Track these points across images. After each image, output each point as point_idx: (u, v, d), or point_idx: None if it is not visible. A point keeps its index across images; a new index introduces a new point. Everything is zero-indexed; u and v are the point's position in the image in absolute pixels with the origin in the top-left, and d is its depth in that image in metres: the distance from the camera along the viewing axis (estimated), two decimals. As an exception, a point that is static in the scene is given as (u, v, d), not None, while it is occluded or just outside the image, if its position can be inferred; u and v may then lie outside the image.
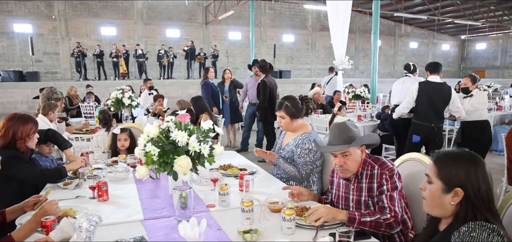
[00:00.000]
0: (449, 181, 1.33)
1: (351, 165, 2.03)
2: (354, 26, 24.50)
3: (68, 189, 2.46)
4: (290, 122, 2.82)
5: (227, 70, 7.83)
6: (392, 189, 1.92)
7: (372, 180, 2.00)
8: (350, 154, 2.02)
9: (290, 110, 2.79)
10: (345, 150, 2.01)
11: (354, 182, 2.08)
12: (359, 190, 2.05)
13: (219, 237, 1.76)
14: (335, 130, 2.10)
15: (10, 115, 2.60)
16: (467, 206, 1.30)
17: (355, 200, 2.07)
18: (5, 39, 17.05)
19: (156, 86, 13.77)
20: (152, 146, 1.76)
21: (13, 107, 13.22)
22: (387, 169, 1.97)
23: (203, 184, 2.55)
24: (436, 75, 4.52)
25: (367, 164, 2.05)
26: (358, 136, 2.07)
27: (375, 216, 1.85)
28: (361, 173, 2.05)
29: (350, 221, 1.81)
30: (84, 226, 1.56)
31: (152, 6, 19.61)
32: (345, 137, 2.03)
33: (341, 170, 2.07)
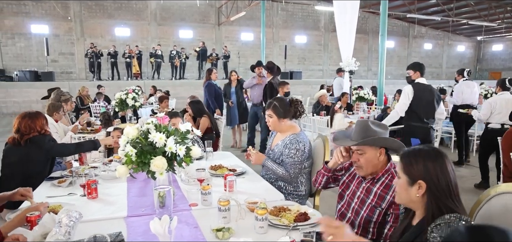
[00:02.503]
0: (411, 174, 1.47)
1: (364, 164, 2.00)
2: (367, 27, 24.33)
3: (62, 186, 2.58)
4: (277, 121, 2.89)
5: (233, 71, 7.92)
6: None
7: (387, 191, 1.95)
8: (364, 153, 1.98)
9: (278, 110, 2.86)
10: (357, 147, 2.00)
11: (367, 182, 2.05)
12: (368, 192, 2.02)
13: (194, 234, 1.84)
14: (357, 126, 2.09)
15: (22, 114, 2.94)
16: (430, 197, 1.43)
17: (360, 198, 2.05)
18: (22, 39, 17.56)
19: (168, 86, 14.04)
20: (130, 147, 1.85)
21: (28, 107, 13.58)
22: None
23: (191, 183, 2.63)
24: (423, 77, 4.53)
25: (388, 172, 1.99)
26: (380, 136, 2.01)
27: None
28: (378, 178, 2.00)
29: None
30: (64, 222, 1.65)
31: (165, 7, 19.88)
32: (363, 135, 2.01)
33: (356, 167, 2.08)
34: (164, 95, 7.20)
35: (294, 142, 2.80)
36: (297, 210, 2.09)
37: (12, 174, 2.75)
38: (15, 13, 17.24)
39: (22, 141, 2.76)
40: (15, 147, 2.78)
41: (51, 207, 2.08)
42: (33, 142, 2.79)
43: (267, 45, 20.79)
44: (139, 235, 1.83)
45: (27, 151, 2.78)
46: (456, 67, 28.21)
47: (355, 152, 2.03)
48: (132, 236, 1.82)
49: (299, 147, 2.78)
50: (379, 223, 1.97)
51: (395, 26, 25.33)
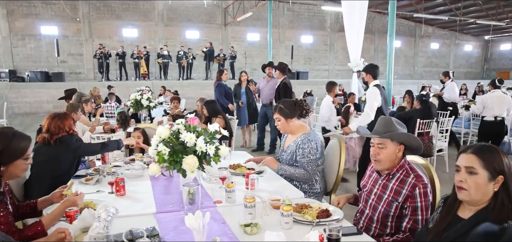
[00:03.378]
0: (493, 169, 1.49)
1: (383, 158, 2.11)
2: (373, 27, 24.31)
3: (89, 184, 2.69)
4: (285, 123, 2.98)
5: (243, 72, 8.02)
6: (426, 208, 1.97)
7: (402, 186, 2.04)
8: (385, 147, 2.09)
9: (284, 111, 2.96)
10: (379, 141, 2.11)
11: (383, 178, 2.16)
12: (385, 188, 2.12)
13: (223, 229, 1.93)
14: (381, 121, 2.21)
15: (52, 115, 3.06)
16: (503, 191, 1.48)
17: (377, 194, 2.16)
18: (33, 41, 17.80)
19: (175, 86, 14.18)
20: (163, 146, 1.95)
21: (39, 107, 13.83)
22: (422, 183, 1.99)
23: (213, 182, 2.73)
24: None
25: (403, 168, 2.09)
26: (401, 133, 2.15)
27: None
28: (394, 174, 2.11)
29: None
30: (103, 216, 1.76)
31: (172, 8, 20.03)
32: (386, 129, 2.13)
33: (374, 160, 2.18)
34: (175, 96, 7.31)
35: (305, 141, 2.89)
36: (318, 207, 2.17)
37: (42, 172, 2.87)
38: (26, 14, 17.48)
39: (51, 140, 2.89)
40: (45, 146, 2.90)
41: (84, 203, 2.19)
42: (62, 142, 2.91)
43: (274, 46, 20.85)
44: (170, 230, 1.93)
45: (56, 150, 2.90)
46: (463, 67, 28.24)
47: (376, 146, 2.14)
48: (164, 231, 1.92)
49: (311, 146, 2.88)
50: (397, 216, 2.07)
51: (402, 26, 25.29)
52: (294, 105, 2.99)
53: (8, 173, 1.93)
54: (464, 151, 1.57)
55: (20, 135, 1.98)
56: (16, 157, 1.91)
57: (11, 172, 1.94)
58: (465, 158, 1.55)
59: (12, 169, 1.92)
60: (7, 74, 15.41)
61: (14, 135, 1.94)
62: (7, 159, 1.89)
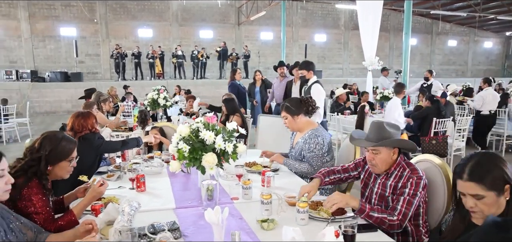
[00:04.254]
0: (497, 186, 1.44)
1: (379, 163, 2.16)
2: (388, 24, 24.02)
3: (111, 180, 2.79)
4: (292, 120, 3.05)
5: (258, 71, 8.07)
6: (412, 195, 2.01)
7: (399, 180, 2.11)
8: (379, 153, 2.14)
9: (290, 109, 3.03)
10: (373, 147, 2.14)
11: (382, 177, 2.21)
12: (384, 186, 2.18)
13: (240, 225, 2.00)
14: (372, 127, 2.23)
15: (76, 114, 3.20)
16: None
17: (379, 193, 2.21)
18: (53, 42, 18.24)
19: (190, 86, 14.34)
20: (184, 144, 2.02)
21: (59, 106, 14.19)
22: (417, 175, 2.06)
23: (229, 179, 2.80)
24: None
25: (400, 165, 2.15)
26: (394, 137, 2.15)
27: (382, 214, 2.00)
28: (391, 172, 2.16)
29: (359, 211, 1.99)
30: (127, 210, 1.84)
31: (186, 8, 20.22)
32: (378, 135, 2.15)
33: (370, 165, 2.23)
34: (190, 95, 7.42)
35: (313, 136, 2.95)
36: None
37: None
38: (46, 17, 17.93)
39: (75, 138, 3.00)
40: None
41: (107, 198, 2.29)
42: (85, 139, 3.03)
43: (287, 44, 20.84)
44: (190, 225, 2.01)
45: (80, 148, 2.99)
46: (482, 65, 27.64)
47: (370, 151, 2.18)
48: (184, 225, 1.99)
49: (318, 141, 2.93)
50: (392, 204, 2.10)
51: (418, 23, 24.91)
52: (300, 102, 3.06)
53: (53, 173, 2.10)
54: (460, 176, 1.50)
55: (68, 139, 2.15)
56: (61, 159, 2.08)
57: (56, 173, 2.11)
58: (465, 186, 1.48)
59: (57, 169, 2.09)
60: (29, 74, 15.85)
61: (62, 138, 2.12)
62: (54, 159, 2.06)
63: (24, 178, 1.95)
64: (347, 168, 2.50)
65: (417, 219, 2.13)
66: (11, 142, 8.78)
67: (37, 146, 2.06)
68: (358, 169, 2.46)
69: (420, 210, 2.11)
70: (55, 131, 2.25)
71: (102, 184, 2.15)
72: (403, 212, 1.99)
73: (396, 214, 2.00)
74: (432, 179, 2.27)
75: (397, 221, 1.98)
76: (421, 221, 2.14)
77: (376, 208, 2.04)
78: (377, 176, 2.24)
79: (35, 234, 1.76)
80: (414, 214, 2.09)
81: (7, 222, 1.61)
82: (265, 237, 1.85)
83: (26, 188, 1.94)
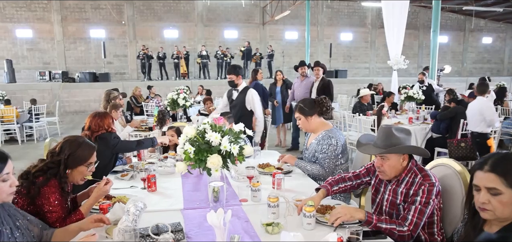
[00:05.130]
0: None
1: (387, 170, 2.07)
2: (417, 22, 23.31)
3: (124, 179, 2.83)
4: (305, 121, 3.00)
5: (279, 71, 8.03)
6: (425, 203, 1.91)
7: (410, 187, 2.00)
8: (388, 159, 2.04)
9: (303, 110, 2.99)
10: (382, 154, 2.06)
11: (392, 184, 2.11)
12: (395, 193, 2.08)
13: (245, 227, 1.97)
14: (380, 132, 2.14)
15: (93, 113, 3.28)
16: None
17: (389, 200, 2.12)
18: (83, 44, 18.89)
19: (214, 85, 14.48)
20: (189, 145, 2.01)
21: (87, 105, 14.66)
22: (429, 182, 1.95)
23: (240, 180, 2.78)
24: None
25: (411, 171, 2.05)
26: (404, 143, 2.05)
27: (391, 225, 1.89)
28: (402, 179, 2.06)
29: (366, 222, 1.90)
30: (132, 211, 1.84)
31: (211, 8, 20.40)
32: (387, 142, 2.06)
33: (379, 171, 2.14)
34: (207, 97, 7.45)
35: (326, 137, 2.89)
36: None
37: None
38: (77, 19, 18.60)
39: (92, 137, 3.07)
40: None
41: (117, 197, 2.32)
42: (101, 139, 3.09)
43: (312, 44, 20.61)
44: (195, 226, 2.00)
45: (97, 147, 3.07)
46: (519, 62, 26.21)
47: (378, 157, 2.09)
48: (188, 226, 1.98)
49: (331, 142, 2.86)
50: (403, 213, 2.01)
51: (449, 20, 24.01)
52: (313, 103, 3.01)
53: (71, 176, 2.18)
54: (480, 167, 1.40)
55: (87, 144, 2.23)
56: (79, 163, 2.16)
57: (74, 176, 2.18)
58: (484, 177, 1.38)
59: (75, 173, 2.17)
60: (60, 75, 16.49)
61: (81, 144, 2.20)
62: (72, 163, 2.14)
63: (44, 178, 2.03)
64: (359, 174, 2.40)
65: (432, 227, 2.02)
66: (41, 140, 9.13)
67: (58, 150, 2.15)
68: (369, 175, 2.37)
69: (434, 218, 2.00)
70: (76, 136, 2.32)
71: (107, 183, 2.18)
72: (414, 222, 1.89)
73: (407, 224, 1.89)
74: (450, 186, 2.15)
75: (407, 232, 1.88)
76: (435, 229, 2.03)
77: (384, 218, 1.94)
78: (388, 182, 2.15)
79: (40, 230, 1.81)
80: (428, 222, 1.98)
81: (14, 220, 1.65)
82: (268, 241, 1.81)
83: (46, 187, 2.02)
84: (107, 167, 3.12)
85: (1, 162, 1.55)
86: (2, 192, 1.57)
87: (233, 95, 4.68)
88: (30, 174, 2.02)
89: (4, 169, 1.56)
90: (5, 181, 1.57)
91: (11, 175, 1.60)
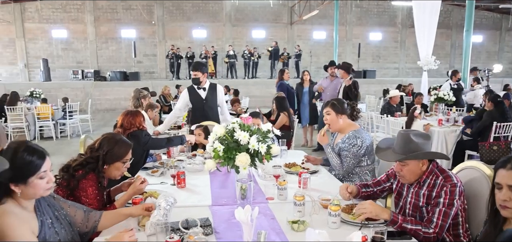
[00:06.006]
0: None
1: (407, 174, 2.08)
2: (450, 21, 22.55)
3: (155, 176, 2.94)
4: (335, 117, 3.01)
5: (306, 71, 8.02)
6: (448, 205, 1.90)
7: (433, 189, 2.01)
8: (407, 164, 2.05)
9: (336, 107, 3.01)
10: (400, 160, 2.07)
11: (415, 186, 2.11)
12: (417, 196, 2.08)
13: (272, 225, 2.02)
14: (399, 138, 2.15)
15: (125, 112, 3.44)
16: None
17: (412, 203, 2.12)
18: (114, 43, 19.55)
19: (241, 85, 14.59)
20: (218, 143, 2.09)
21: (118, 104, 15.12)
22: (451, 183, 1.94)
23: (267, 179, 2.83)
24: None
25: (433, 173, 2.05)
26: (422, 148, 2.05)
27: (416, 226, 1.90)
28: (424, 181, 2.06)
29: (392, 222, 1.91)
30: (163, 205, 1.94)
31: (239, 8, 20.57)
32: (406, 148, 2.06)
33: (398, 176, 2.16)
34: (235, 98, 7.53)
35: (352, 137, 2.91)
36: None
37: None
38: (109, 20, 19.27)
39: (124, 134, 3.21)
40: None
41: (148, 193, 2.42)
42: (133, 136, 3.22)
43: (340, 43, 20.37)
44: (223, 222, 2.06)
45: None
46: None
47: (398, 163, 2.09)
48: (217, 222, 2.05)
49: (356, 142, 2.87)
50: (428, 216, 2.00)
51: (484, 18, 23.09)
52: (346, 105, 3.04)
53: (108, 172, 2.31)
54: (503, 165, 1.44)
55: (124, 142, 2.36)
56: (116, 160, 2.30)
57: (111, 172, 2.32)
58: (506, 175, 1.41)
59: (112, 169, 2.31)
60: (92, 74, 17.13)
61: (119, 141, 2.33)
62: (109, 159, 2.28)
63: (83, 172, 2.18)
64: (379, 181, 2.42)
65: (457, 228, 2.00)
66: (74, 137, 9.52)
67: (97, 146, 2.30)
68: (390, 180, 2.37)
69: (458, 219, 1.99)
70: (114, 133, 2.46)
71: (142, 182, 2.29)
72: (440, 224, 1.88)
73: (433, 226, 1.89)
74: (478, 189, 2.11)
75: (433, 234, 1.88)
76: (461, 231, 2.01)
77: (410, 219, 1.95)
78: (410, 185, 2.14)
79: (85, 213, 1.94)
80: (453, 223, 1.97)
81: (53, 211, 1.77)
82: (294, 238, 1.85)
83: (84, 180, 2.18)
84: (138, 163, 3.25)
85: (40, 159, 1.61)
86: (39, 189, 1.61)
87: (201, 94, 4.56)
88: (70, 168, 2.17)
89: (42, 166, 1.61)
90: (42, 178, 1.61)
91: (48, 172, 1.65)
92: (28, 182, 1.57)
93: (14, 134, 8.93)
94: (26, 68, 19.02)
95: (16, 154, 1.56)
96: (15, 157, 1.54)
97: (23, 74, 19.08)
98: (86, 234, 1.93)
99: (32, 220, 1.64)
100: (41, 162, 1.61)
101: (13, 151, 1.56)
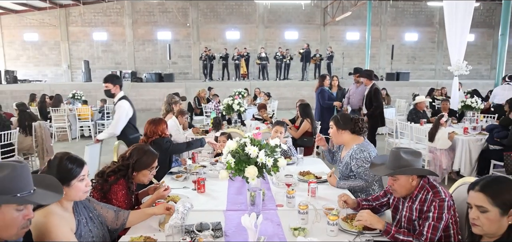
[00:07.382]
0: (504, 204, 1.53)
1: (398, 188, 2.25)
2: (493, 20, 21.56)
3: (178, 180, 3.24)
4: (336, 132, 3.22)
5: (335, 77, 8.11)
6: (437, 218, 2.04)
7: (424, 203, 2.16)
8: (398, 179, 2.23)
9: (338, 121, 3.21)
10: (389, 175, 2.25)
11: (408, 200, 2.27)
12: (411, 210, 2.24)
13: (276, 231, 2.24)
14: (390, 155, 2.32)
15: (149, 120, 3.74)
16: None
17: (407, 216, 2.27)
18: (150, 45, 20.43)
19: (272, 87, 14.82)
20: (230, 156, 2.34)
21: (153, 104, 15.80)
22: (439, 198, 2.09)
23: (280, 186, 3.05)
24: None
25: (424, 188, 2.19)
26: (412, 164, 2.20)
27: (408, 237, 2.06)
28: (416, 195, 2.22)
29: (385, 232, 2.08)
30: (181, 209, 2.21)
31: (272, 10, 20.80)
32: (396, 163, 2.24)
33: (391, 190, 2.34)
34: (262, 104, 7.72)
35: (358, 151, 3.06)
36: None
37: None
38: (146, 23, 20.18)
39: (147, 142, 3.53)
40: None
41: (170, 197, 2.72)
42: (156, 143, 3.53)
43: (374, 44, 20.11)
44: (233, 226, 2.31)
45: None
46: None
47: (390, 178, 2.27)
48: (228, 226, 2.30)
49: (364, 155, 3.03)
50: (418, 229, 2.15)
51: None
52: (349, 120, 3.19)
53: (137, 178, 2.64)
54: (472, 187, 1.61)
55: (151, 152, 2.67)
56: (144, 167, 2.61)
57: (139, 178, 2.65)
58: (474, 196, 1.58)
59: (140, 175, 2.63)
60: (129, 75, 17.95)
61: (146, 151, 2.65)
62: (138, 167, 2.60)
63: (115, 177, 2.52)
64: (378, 196, 2.59)
65: (449, 239, 2.13)
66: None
67: (127, 155, 2.64)
68: (387, 195, 2.53)
69: (450, 232, 2.12)
70: (142, 144, 2.81)
71: (166, 189, 2.59)
72: (429, 237, 2.03)
73: (423, 239, 2.04)
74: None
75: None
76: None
77: (402, 230, 2.10)
78: (404, 199, 2.30)
79: (115, 213, 2.27)
80: (445, 235, 2.11)
81: (87, 212, 2.10)
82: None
83: (115, 185, 2.51)
84: (163, 168, 3.55)
85: (79, 166, 1.97)
86: (79, 190, 1.96)
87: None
88: (104, 174, 2.50)
89: (81, 172, 1.97)
90: (81, 181, 1.97)
91: (86, 177, 2.01)
92: (70, 184, 1.94)
93: (58, 133, 9.65)
94: (69, 69, 20.34)
95: (61, 162, 1.94)
96: (60, 165, 1.94)
97: (67, 75, 20.40)
98: (116, 230, 2.27)
99: (71, 219, 1.98)
100: (80, 169, 1.98)
101: (58, 160, 1.96)
